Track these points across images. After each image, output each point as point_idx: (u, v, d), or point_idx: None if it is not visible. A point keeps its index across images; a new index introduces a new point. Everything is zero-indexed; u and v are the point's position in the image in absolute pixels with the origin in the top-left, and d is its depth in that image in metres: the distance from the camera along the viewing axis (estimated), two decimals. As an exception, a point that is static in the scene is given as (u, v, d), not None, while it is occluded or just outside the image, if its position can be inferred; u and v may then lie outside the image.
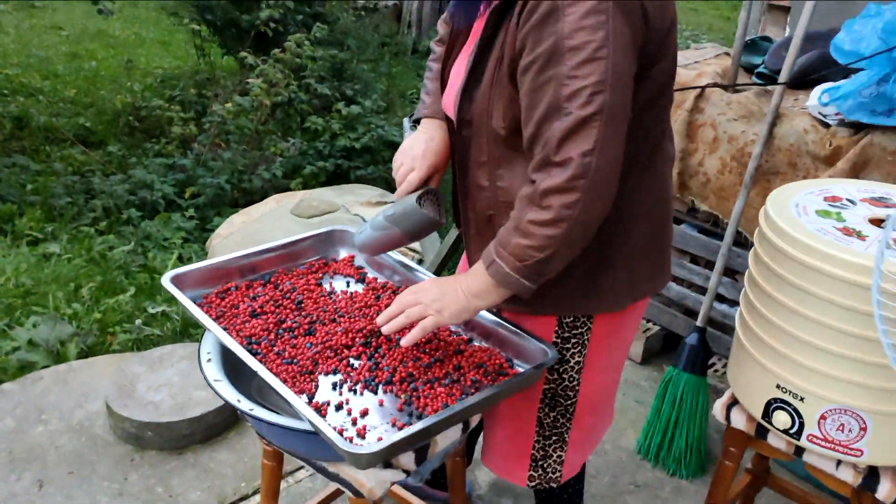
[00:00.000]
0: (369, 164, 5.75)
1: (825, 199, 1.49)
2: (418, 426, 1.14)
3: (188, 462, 2.30)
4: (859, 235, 1.34)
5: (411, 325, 1.30)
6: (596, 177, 1.12)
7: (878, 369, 1.31)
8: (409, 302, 1.30)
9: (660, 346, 2.66)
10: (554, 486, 1.54)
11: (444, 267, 3.03)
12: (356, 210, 3.63)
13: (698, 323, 2.18)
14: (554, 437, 1.49)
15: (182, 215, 4.68)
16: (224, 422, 2.42)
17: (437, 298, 1.29)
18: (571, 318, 1.39)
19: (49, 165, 5.15)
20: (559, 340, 1.41)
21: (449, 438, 1.42)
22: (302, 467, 2.27)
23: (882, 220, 1.40)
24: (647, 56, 1.19)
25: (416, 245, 3.32)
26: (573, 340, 1.41)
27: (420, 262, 3.21)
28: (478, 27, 1.33)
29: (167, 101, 6.09)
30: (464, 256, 1.59)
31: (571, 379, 1.44)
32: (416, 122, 1.52)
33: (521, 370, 1.36)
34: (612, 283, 1.37)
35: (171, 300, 3.18)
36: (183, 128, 5.60)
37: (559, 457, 1.52)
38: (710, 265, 2.41)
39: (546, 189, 1.14)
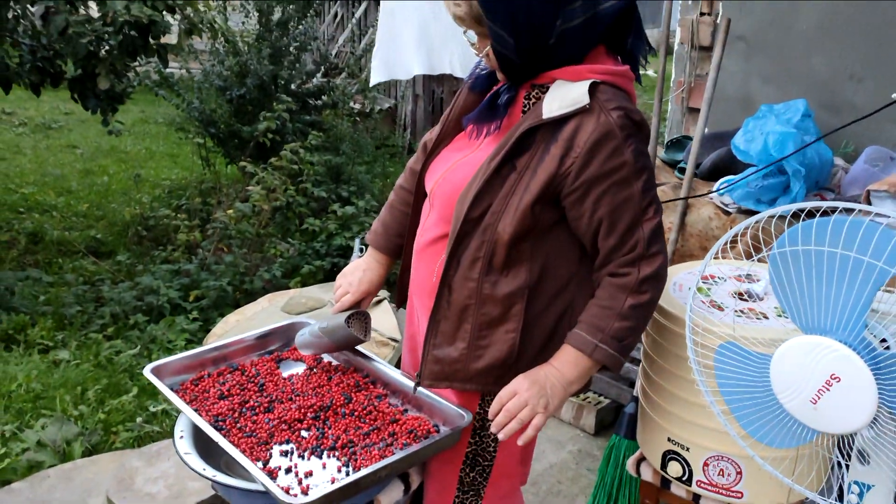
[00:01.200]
0: (365, 259, 6.03)
1: (702, 277, 1.77)
2: (348, 479, 1.40)
3: (183, 547, 2.50)
4: (719, 307, 1.62)
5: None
6: (665, 268, 1.48)
7: (742, 420, 1.56)
8: (516, 405, 1.46)
9: (612, 418, 2.89)
10: None
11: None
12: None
13: (634, 393, 2.42)
14: (471, 494, 1.70)
15: (186, 318, 4.96)
16: (216, 509, 2.63)
17: (541, 395, 1.45)
18: (490, 396, 1.59)
19: (61, 276, 5.49)
20: (482, 411, 1.63)
21: (392, 498, 1.66)
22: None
23: (743, 294, 1.68)
24: None
25: (396, 335, 3.58)
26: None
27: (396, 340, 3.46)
28: (483, 136, 1.55)
29: (174, 211, 6.47)
30: (411, 328, 1.79)
31: (489, 445, 1.66)
32: (365, 244, 1.84)
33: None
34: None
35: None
36: (188, 235, 5.94)
37: None
38: (650, 340, 2.67)
39: (643, 278, 1.44)
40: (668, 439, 1.68)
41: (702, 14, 2.92)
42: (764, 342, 1.30)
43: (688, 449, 1.64)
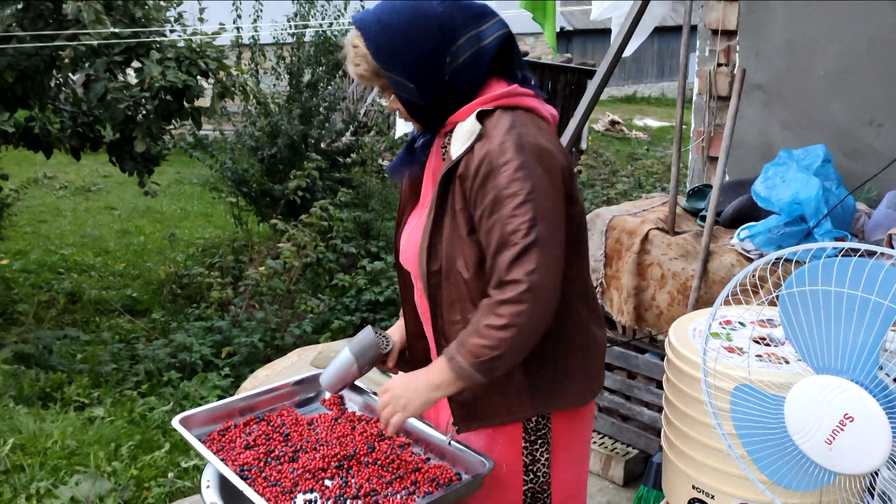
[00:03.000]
0: (393, 315, 6.09)
1: (720, 323, 1.78)
2: (369, 528, 1.41)
3: None
4: (740, 351, 1.62)
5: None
6: (539, 292, 1.44)
7: (766, 465, 1.54)
8: (383, 402, 1.58)
9: (641, 469, 2.85)
10: None
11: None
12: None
13: (662, 442, 2.40)
14: None
15: (218, 374, 5.02)
16: (242, 559, 2.63)
17: (402, 396, 1.56)
18: (534, 423, 1.64)
19: (98, 335, 5.62)
20: (527, 444, 1.65)
21: (415, 548, 1.66)
22: None
23: (763, 338, 1.68)
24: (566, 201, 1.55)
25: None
26: (539, 441, 1.66)
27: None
28: (426, 193, 1.66)
29: (207, 269, 6.60)
30: None
31: (544, 475, 1.68)
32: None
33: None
34: (566, 385, 1.63)
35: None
36: (221, 292, 6.05)
37: None
38: (677, 389, 2.65)
39: (500, 300, 1.44)
40: (693, 487, 1.67)
41: (719, 65, 2.97)
42: (778, 385, 1.30)
43: (713, 497, 1.62)
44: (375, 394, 1.90)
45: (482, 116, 1.52)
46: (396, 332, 1.87)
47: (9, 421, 3.77)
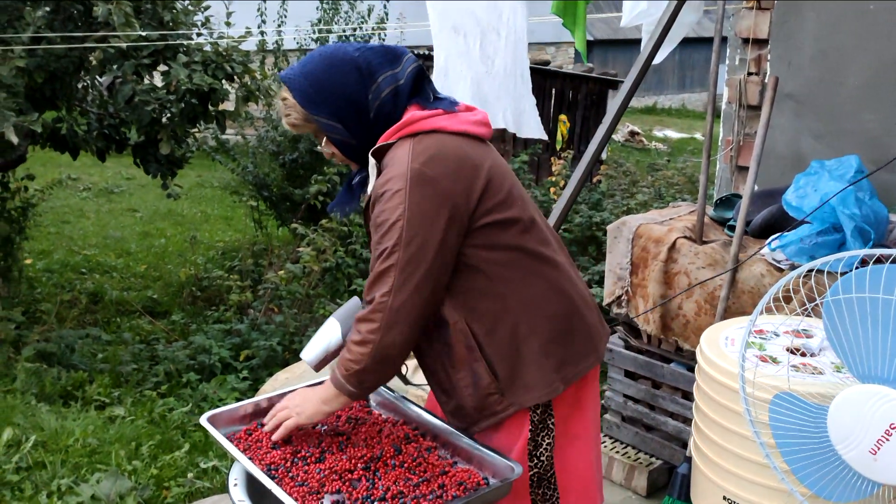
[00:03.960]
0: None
1: (753, 332, 1.76)
2: (398, 530, 1.40)
3: None
4: (774, 361, 1.60)
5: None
6: (390, 312, 1.55)
7: (801, 477, 1.52)
8: (280, 406, 1.72)
9: (664, 480, 2.82)
10: None
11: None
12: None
13: (688, 453, 2.37)
14: None
15: (237, 377, 5.02)
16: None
17: (298, 405, 1.70)
18: (539, 413, 1.69)
19: (119, 335, 5.64)
20: (533, 429, 1.69)
21: (440, 551, 1.64)
22: None
23: (798, 349, 1.66)
24: (470, 213, 1.61)
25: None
26: (541, 426, 1.70)
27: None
28: (365, 217, 1.75)
29: (227, 272, 6.62)
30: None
31: (548, 458, 1.71)
32: None
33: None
34: (537, 376, 1.67)
35: (222, 456, 3.48)
36: (240, 295, 6.06)
37: None
38: (703, 400, 2.62)
39: (358, 318, 1.60)
40: (724, 497, 1.64)
41: (749, 73, 2.95)
42: (818, 395, 1.28)
43: (744, 507, 1.60)
44: (405, 398, 1.90)
45: (382, 151, 1.64)
46: None
47: (31, 418, 3.79)
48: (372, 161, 1.65)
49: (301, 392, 1.75)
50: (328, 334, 1.82)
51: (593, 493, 1.83)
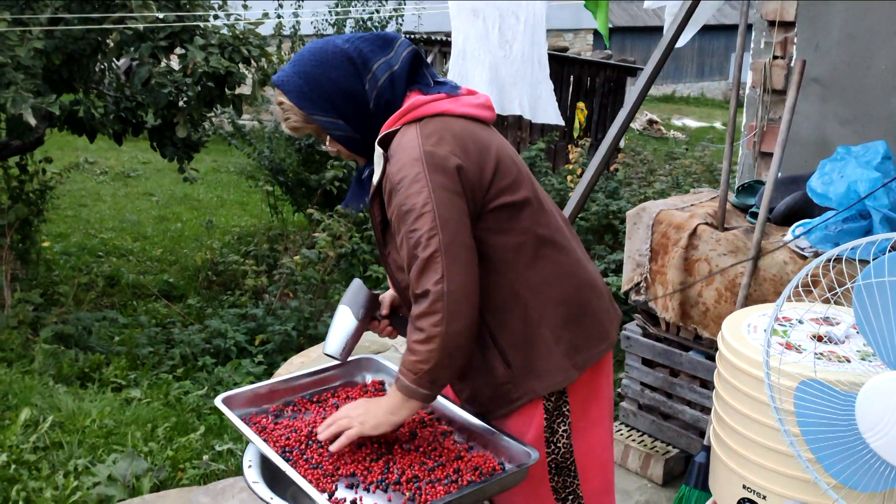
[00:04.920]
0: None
1: (777, 319, 1.72)
2: (413, 514, 1.38)
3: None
4: (798, 349, 1.56)
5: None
6: (450, 299, 1.47)
7: (824, 467, 1.48)
8: (340, 416, 1.62)
9: (681, 468, 2.79)
10: None
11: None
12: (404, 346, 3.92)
13: (705, 442, 2.34)
14: (570, 496, 1.71)
15: (252, 361, 5.04)
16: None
17: (362, 413, 1.60)
18: (553, 401, 1.67)
19: (135, 318, 5.67)
20: (549, 416, 1.67)
21: (455, 536, 1.63)
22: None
23: (823, 336, 1.62)
24: (483, 194, 1.57)
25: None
26: (556, 413, 1.68)
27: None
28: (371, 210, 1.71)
29: (242, 257, 6.64)
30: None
31: (565, 445, 1.69)
32: None
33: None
34: (550, 364, 1.65)
35: (237, 438, 3.49)
36: (255, 280, 6.07)
37: None
38: (722, 389, 2.58)
39: (416, 315, 1.51)
40: (744, 486, 1.61)
41: (775, 57, 2.89)
42: (844, 383, 1.25)
43: (764, 497, 1.57)
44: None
45: (387, 139, 1.59)
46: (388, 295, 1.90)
47: (48, 399, 3.82)
48: (378, 150, 1.59)
49: (363, 402, 1.65)
50: (343, 322, 1.78)
51: (612, 476, 1.82)
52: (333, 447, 1.58)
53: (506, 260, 1.62)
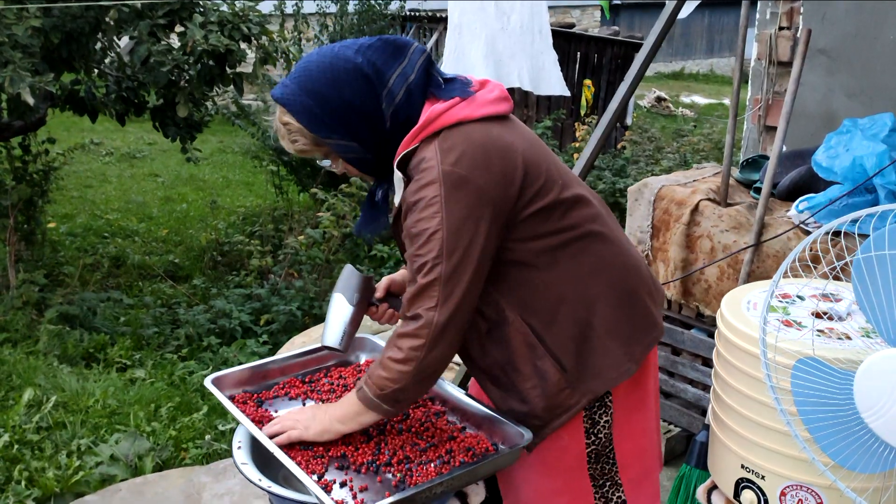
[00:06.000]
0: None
1: (777, 296, 1.68)
2: (402, 494, 1.36)
3: (244, 562, 2.50)
4: (798, 326, 1.52)
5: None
6: (437, 328, 1.44)
7: (824, 446, 1.45)
8: (286, 417, 1.59)
9: (682, 448, 2.77)
10: None
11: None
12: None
13: (706, 421, 2.31)
14: (607, 483, 1.67)
15: (257, 341, 5.04)
16: (277, 525, 2.63)
17: (308, 418, 1.57)
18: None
19: (140, 299, 5.67)
20: (589, 406, 1.60)
21: (449, 518, 1.61)
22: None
23: (824, 313, 1.58)
24: (512, 206, 1.49)
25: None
26: (598, 404, 1.61)
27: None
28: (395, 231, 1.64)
29: (247, 237, 6.63)
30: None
31: (606, 435, 1.63)
32: None
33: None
34: (606, 360, 1.58)
35: (240, 417, 3.48)
36: (260, 260, 6.06)
37: (620, 497, 1.68)
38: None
39: (400, 334, 1.47)
40: (742, 466, 1.58)
41: (780, 28, 2.82)
42: (845, 361, 1.21)
43: (763, 477, 1.54)
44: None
45: (406, 160, 1.51)
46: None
47: (52, 379, 3.82)
48: (398, 175, 1.51)
49: (311, 409, 1.61)
50: (338, 310, 1.72)
51: (652, 462, 1.77)
52: (276, 440, 1.55)
53: (547, 263, 1.55)
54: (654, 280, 1.72)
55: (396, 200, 1.54)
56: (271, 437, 1.55)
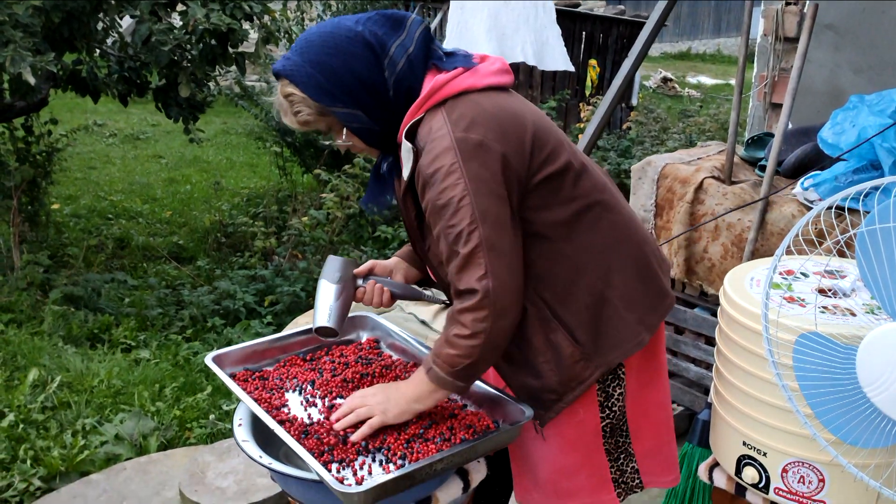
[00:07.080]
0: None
1: (780, 273, 1.67)
2: (402, 470, 1.36)
3: (252, 542, 2.52)
4: (801, 302, 1.51)
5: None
6: (494, 295, 1.41)
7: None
8: (358, 404, 1.55)
9: (685, 426, 2.77)
10: (639, 490, 1.72)
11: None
12: (410, 308, 3.90)
13: (709, 399, 2.30)
14: (622, 455, 1.68)
15: (261, 322, 5.04)
16: (283, 506, 2.64)
17: (382, 402, 1.54)
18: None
19: (145, 280, 5.68)
20: (602, 380, 1.61)
21: (450, 495, 1.61)
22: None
23: (829, 290, 1.57)
24: (525, 171, 1.48)
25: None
26: (611, 376, 1.63)
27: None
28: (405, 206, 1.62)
29: (251, 218, 6.62)
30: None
31: (620, 408, 1.65)
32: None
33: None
34: (621, 331, 1.58)
35: (244, 397, 3.49)
36: (264, 241, 6.06)
37: (633, 468, 1.70)
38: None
39: (461, 309, 1.44)
40: (744, 443, 1.58)
41: (787, 3, 2.79)
42: (848, 336, 1.20)
43: (765, 454, 1.53)
44: (415, 339, 1.85)
45: (413, 132, 1.50)
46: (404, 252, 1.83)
47: (57, 360, 3.84)
48: (406, 145, 1.49)
49: (382, 389, 1.58)
50: (324, 292, 1.71)
51: (665, 432, 1.78)
52: (355, 437, 1.51)
53: (559, 234, 1.54)
54: (660, 250, 1.73)
55: (405, 174, 1.52)
56: (348, 427, 1.53)
